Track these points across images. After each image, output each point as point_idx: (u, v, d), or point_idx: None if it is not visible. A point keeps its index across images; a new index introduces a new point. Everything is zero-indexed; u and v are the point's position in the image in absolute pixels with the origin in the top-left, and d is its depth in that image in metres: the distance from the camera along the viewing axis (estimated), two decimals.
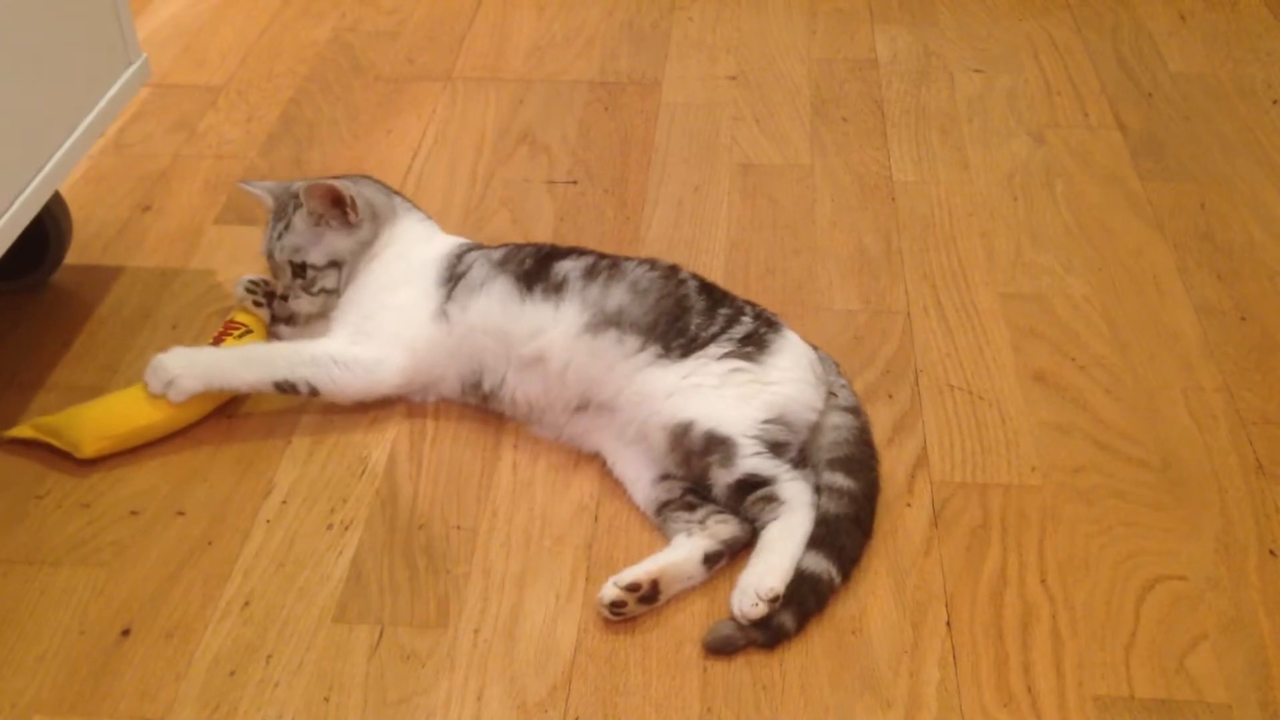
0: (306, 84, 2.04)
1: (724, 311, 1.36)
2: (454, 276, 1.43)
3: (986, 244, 1.68)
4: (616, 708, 1.13)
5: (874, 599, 1.22)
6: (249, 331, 1.47)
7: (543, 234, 1.69)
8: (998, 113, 1.96)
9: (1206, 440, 1.39)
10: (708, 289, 1.40)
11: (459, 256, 1.46)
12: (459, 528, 1.30)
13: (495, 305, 1.39)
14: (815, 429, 1.31)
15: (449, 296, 1.41)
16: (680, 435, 1.27)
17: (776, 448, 1.26)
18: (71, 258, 1.64)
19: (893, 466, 1.36)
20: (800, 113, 1.96)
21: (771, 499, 1.23)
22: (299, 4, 2.27)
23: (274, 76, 2.05)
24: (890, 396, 1.44)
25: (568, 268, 1.40)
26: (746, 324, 1.35)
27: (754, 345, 1.33)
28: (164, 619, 1.21)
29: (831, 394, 1.35)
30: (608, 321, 1.34)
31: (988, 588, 1.23)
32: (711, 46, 2.13)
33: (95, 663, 1.17)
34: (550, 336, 1.35)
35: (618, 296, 1.36)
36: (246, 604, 1.22)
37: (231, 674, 1.16)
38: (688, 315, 1.35)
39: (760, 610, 1.16)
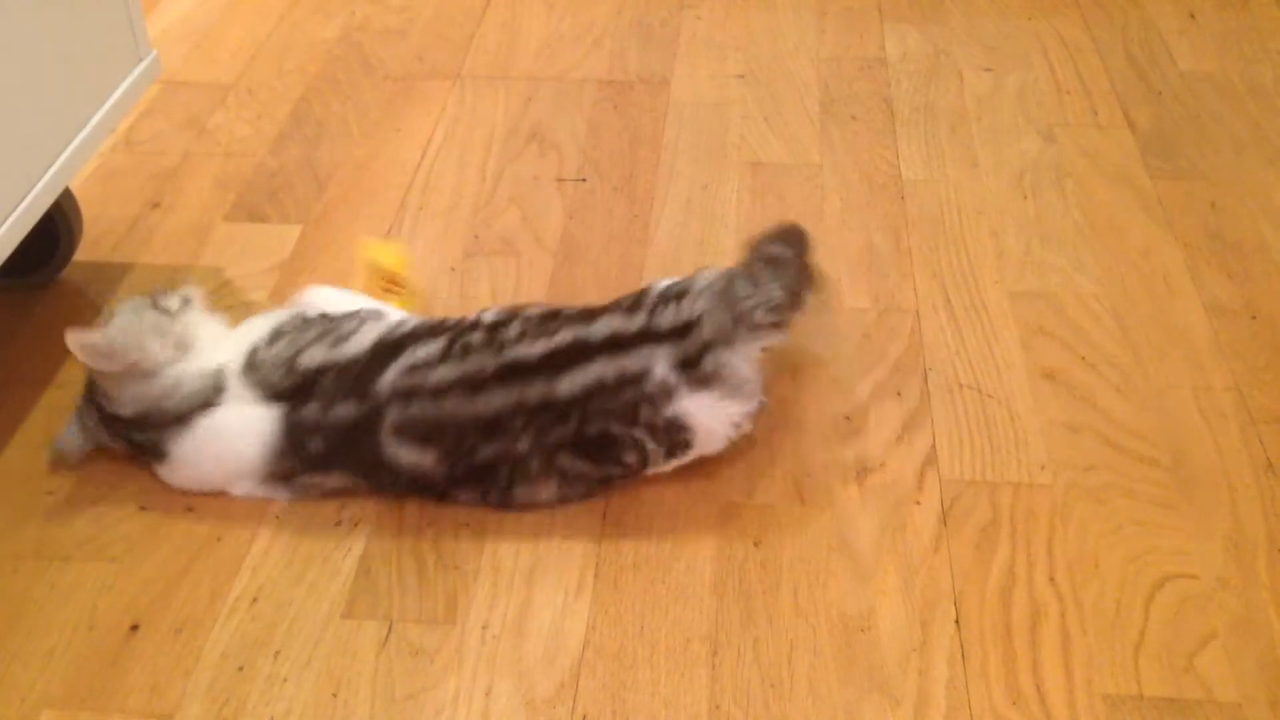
0: (316, 82, 2.04)
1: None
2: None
3: (996, 242, 1.68)
4: (625, 704, 1.13)
5: (883, 597, 1.22)
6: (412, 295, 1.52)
7: (553, 232, 1.69)
8: (1007, 111, 1.95)
9: (1217, 439, 1.39)
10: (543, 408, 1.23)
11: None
12: (467, 525, 1.30)
13: None
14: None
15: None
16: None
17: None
18: (81, 254, 1.65)
19: (902, 465, 1.36)
20: (809, 111, 1.95)
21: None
22: (308, 3, 2.27)
23: (284, 74, 2.06)
24: (899, 394, 1.44)
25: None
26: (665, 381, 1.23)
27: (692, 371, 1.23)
28: (173, 614, 1.21)
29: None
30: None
31: (996, 586, 1.23)
32: (720, 45, 2.13)
33: (104, 658, 1.17)
34: None
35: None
36: (255, 600, 1.22)
37: (240, 669, 1.16)
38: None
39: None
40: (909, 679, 1.15)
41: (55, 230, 1.58)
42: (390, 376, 1.25)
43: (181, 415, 1.27)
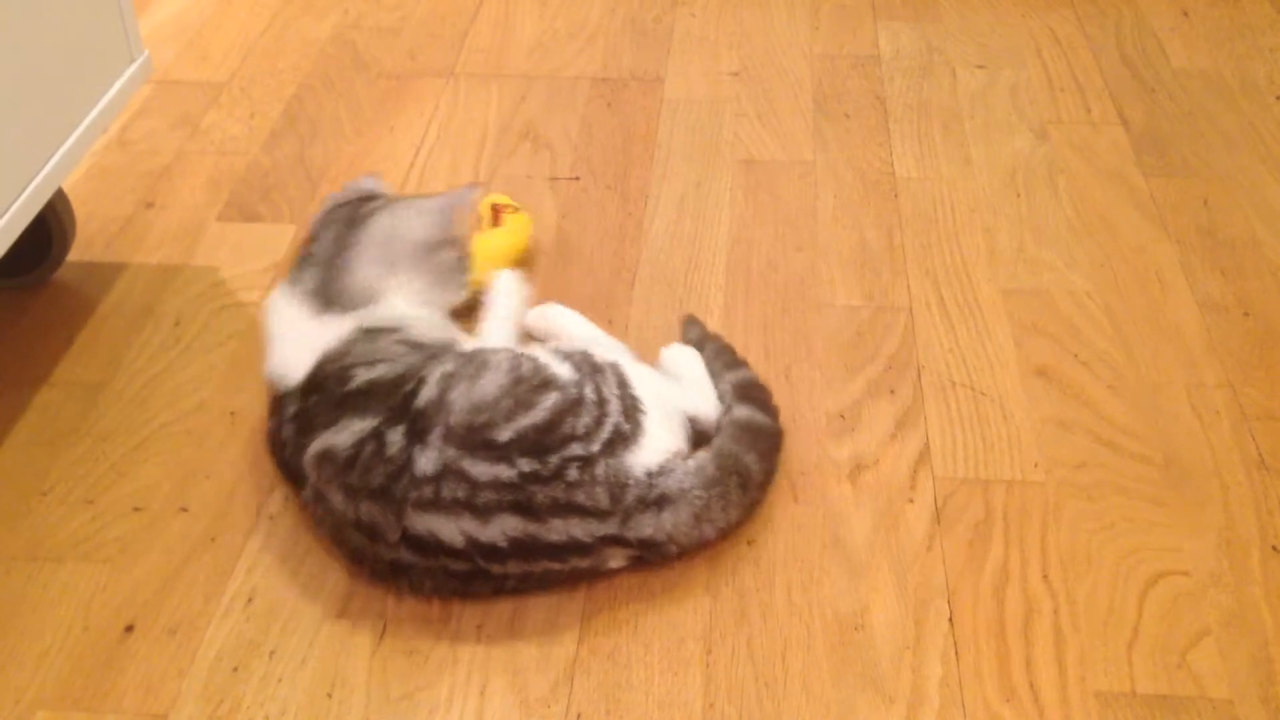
0: (309, 80, 2.04)
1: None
2: None
3: (989, 240, 1.68)
4: (619, 704, 1.13)
5: (876, 595, 1.22)
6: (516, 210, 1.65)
7: (545, 230, 1.69)
8: (1000, 109, 1.95)
9: (1209, 436, 1.39)
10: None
11: None
12: None
13: None
14: None
15: None
16: None
17: None
18: (74, 254, 1.64)
19: (895, 462, 1.36)
20: (802, 109, 1.95)
21: None
22: (301, 1, 2.27)
23: (277, 73, 2.06)
24: (892, 393, 1.44)
25: None
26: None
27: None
28: (167, 615, 1.21)
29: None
30: None
31: (990, 583, 1.23)
32: (714, 42, 2.13)
33: (99, 659, 1.17)
34: None
35: None
36: (249, 600, 1.22)
37: (234, 670, 1.16)
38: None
39: None
40: (902, 677, 1.15)
41: (48, 230, 1.58)
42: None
43: None
